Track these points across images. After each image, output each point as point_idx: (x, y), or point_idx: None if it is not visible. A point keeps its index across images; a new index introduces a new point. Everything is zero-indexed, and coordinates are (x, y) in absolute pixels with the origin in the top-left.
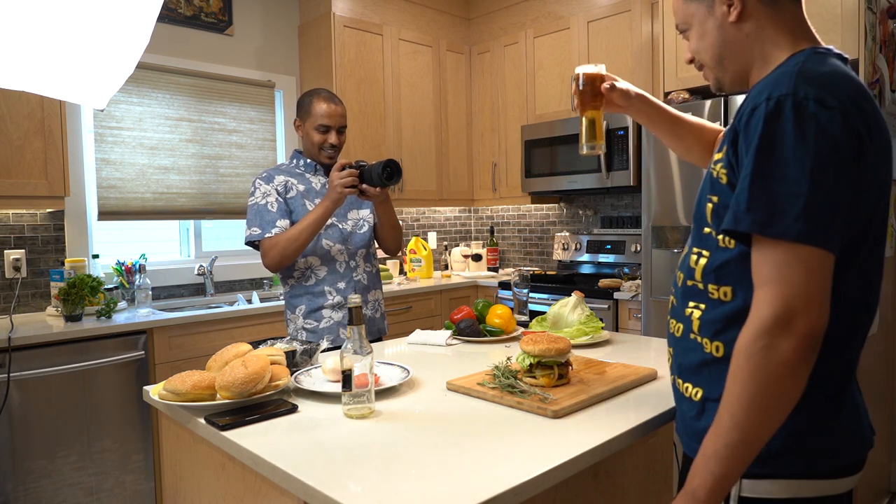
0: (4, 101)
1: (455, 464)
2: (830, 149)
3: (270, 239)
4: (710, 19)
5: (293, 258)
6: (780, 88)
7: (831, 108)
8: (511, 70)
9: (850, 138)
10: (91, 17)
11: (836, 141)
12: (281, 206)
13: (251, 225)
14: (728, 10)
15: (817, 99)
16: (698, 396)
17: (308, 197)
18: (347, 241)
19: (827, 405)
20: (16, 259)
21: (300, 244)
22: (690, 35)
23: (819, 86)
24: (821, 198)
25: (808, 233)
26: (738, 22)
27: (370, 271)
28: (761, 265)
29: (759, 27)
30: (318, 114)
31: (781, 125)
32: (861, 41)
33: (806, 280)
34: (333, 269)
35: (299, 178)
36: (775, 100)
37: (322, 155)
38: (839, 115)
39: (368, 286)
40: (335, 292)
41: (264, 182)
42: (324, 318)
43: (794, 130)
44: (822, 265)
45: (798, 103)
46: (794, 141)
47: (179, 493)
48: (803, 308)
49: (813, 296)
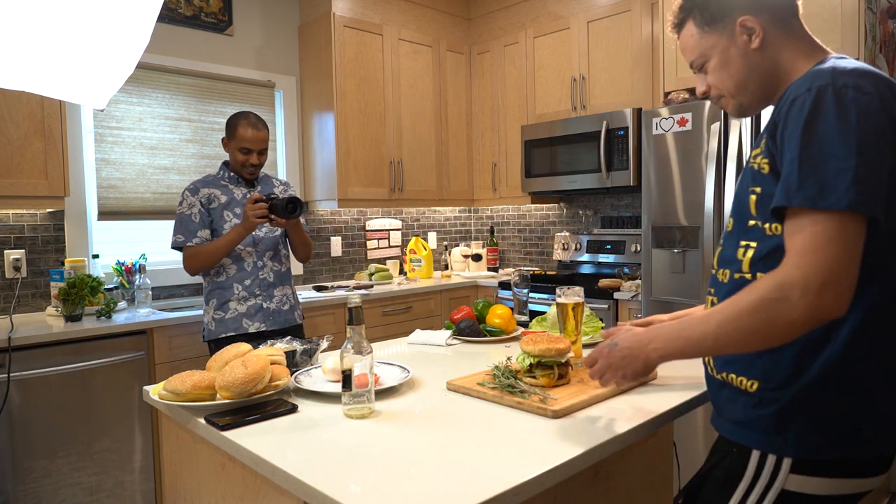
0: (4, 101)
1: (455, 464)
2: (874, 128)
3: (191, 248)
4: (732, 47)
5: (209, 268)
6: (820, 80)
7: (869, 93)
8: (511, 70)
9: (889, 119)
10: (91, 17)
11: (878, 120)
12: (203, 216)
13: (176, 233)
14: (749, 38)
15: (855, 87)
16: (754, 388)
17: (229, 208)
18: (257, 245)
19: (885, 391)
20: (16, 259)
21: (215, 259)
22: (709, 67)
23: (856, 76)
24: (869, 169)
25: (859, 201)
26: (760, 48)
27: (277, 270)
28: (797, 237)
29: (779, 49)
30: (241, 137)
31: (824, 110)
32: (861, 41)
33: (842, 255)
34: (242, 268)
35: (223, 189)
36: (816, 89)
37: (244, 171)
38: (877, 100)
39: (274, 283)
40: (241, 288)
41: (191, 194)
42: (230, 310)
43: (837, 113)
44: (860, 238)
45: (838, 91)
46: (837, 122)
47: (179, 493)
48: (834, 282)
49: (844, 273)
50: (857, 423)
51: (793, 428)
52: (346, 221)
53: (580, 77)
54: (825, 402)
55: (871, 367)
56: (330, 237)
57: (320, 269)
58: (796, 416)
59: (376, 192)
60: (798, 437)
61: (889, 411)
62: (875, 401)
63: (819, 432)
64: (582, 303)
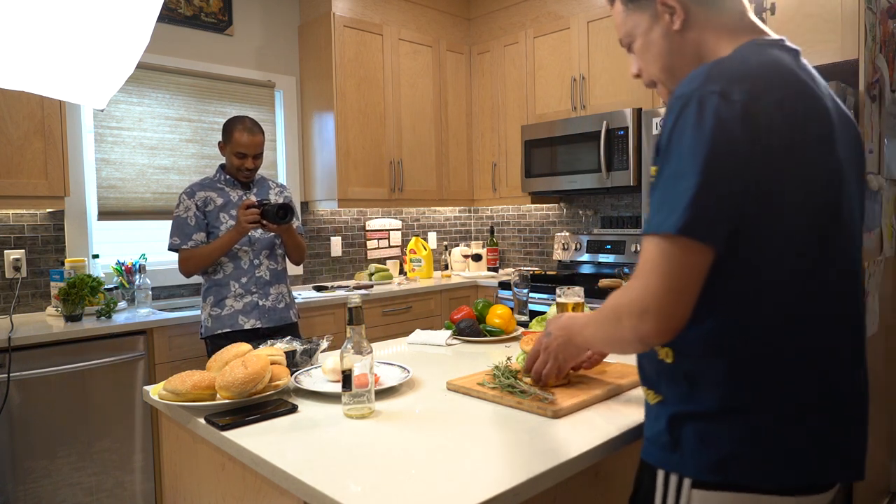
0: (4, 101)
1: (455, 464)
2: (727, 142)
3: (186, 251)
4: (655, 28)
5: (203, 270)
6: (691, 84)
7: (733, 101)
8: (511, 70)
9: (752, 132)
10: (91, 17)
11: (735, 133)
12: (199, 219)
13: (173, 235)
14: (671, 18)
15: (722, 93)
16: (655, 402)
17: (225, 210)
18: (253, 244)
19: (769, 420)
20: (16, 259)
21: (209, 261)
22: (635, 49)
23: (728, 79)
24: (708, 192)
25: (690, 227)
26: (682, 30)
27: (274, 269)
28: (640, 259)
29: (703, 29)
30: (237, 142)
31: (683, 122)
32: (861, 41)
33: (664, 282)
34: (238, 266)
35: (219, 192)
36: (684, 98)
37: (240, 175)
38: (739, 109)
39: (270, 281)
40: (238, 285)
41: (187, 197)
42: (226, 307)
43: (694, 125)
44: (694, 261)
45: (701, 98)
46: (692, 136)
47: (179, 493)
48: (653, 310)
49: (665, 301)
50: (741, 450)
51: (686, 445)
52: (346, 221)
53: (580, 77)
54: (711, 423)
55: (752, 395)
56: (330, 237)
57: (320, 269)
58: (685, 433)
59: (376, 192)
60: (691, 454)
61: (777, 443)
62: (759, 429)
63: (707, 453)
64: (582, 303)
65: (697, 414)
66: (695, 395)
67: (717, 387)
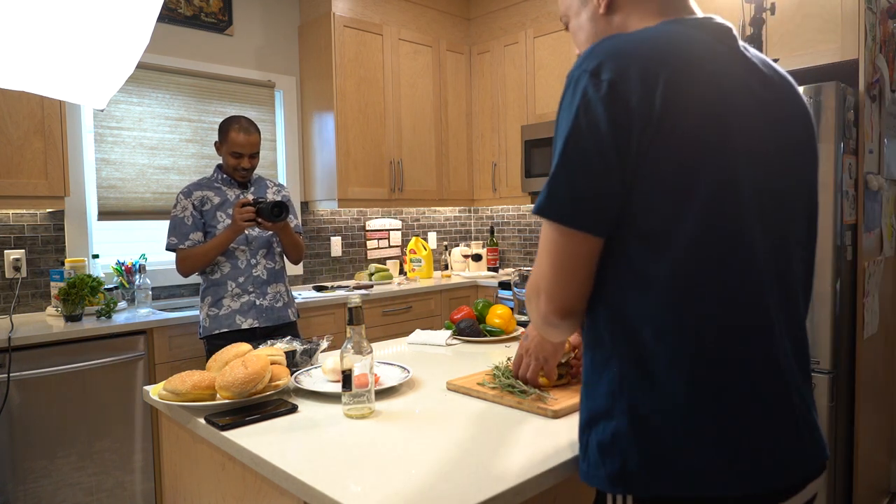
0: (4, 101)
1: (455, 464)
2: (589, 122)
3: (184, 251)
4: (583, 11)
5: (201, 269)
6: (575, 64)
7: (601, 81)
8: (511, 70)
9: (615, 111)
10: (91, 17)
11: (597, 115)
12: (196, 219)
13: (170, 235)
14: (598, 1)
15: (593, 72)
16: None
17: (222, 209)
18: (250, 243)
19: (700, 415)
20: (16, 259)
21: (207, 260)
22: (570, 28)
23: (605, 58)
24: (567, 173)
25: (549, 208)
26: (607, 14)
27: (271, 268)
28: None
29: (629, 13)
30: (233, 142)
31: (563, 102)
32: (861, 41)
33: (551, 263)
34: (235, 266)
35: (217, 191)
36: (568, 78)
37: (236, 174)
38: (606, 87)
39: (268, 280)
40: (235, 285)
41: (184, 197)
42: (224, 307)
43: (566, 105)
44: (569, 245)
45: (577, 78)
46: (563, 115)
47: (179, 493)
48: (545, 290)
49: (555, 282)
50: (627, 456)
51: (591, 452)
52: (346, 221)
53: None
54: (603, 424)
55: (639, 389)
56: (330, 237)
57: (320, 269)
58: (590, 439)
59: (376, 192)
60: (594, 463)
61: (658, 446)
62: (640, 431)
63: (604, 462)
64: None
65: (597, 414)
66: (593, 391)
67: (609, 383)
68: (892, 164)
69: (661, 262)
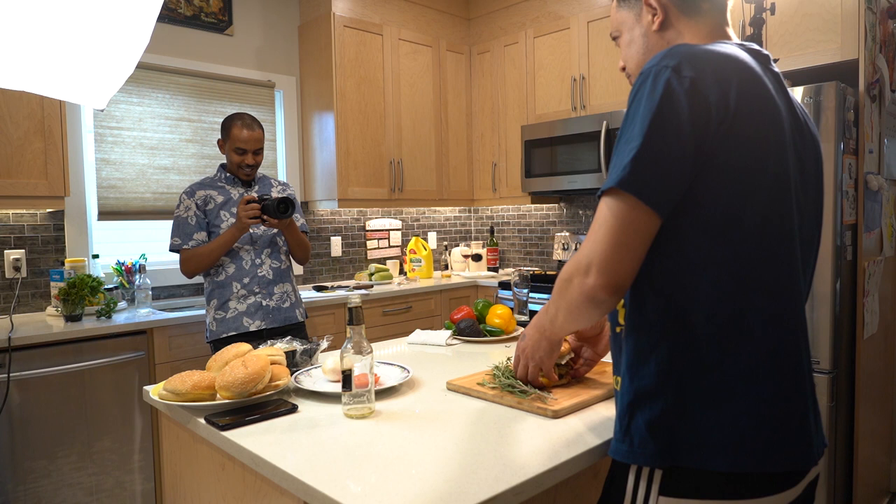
0: (4, 102)
1: (455, 464)
2: (673, 112)
3: (187, 251)
4: (637, 27)
5: (205, 270)
6: (652, 62)
7: (684, 77)
8: (511, 70)
9: (697, 105)
10: (91, 17)
11: (681, 105)
12: (200, 219)
13: (173, 235)
14: (652, 18)
15: (675, 68)
16: (618, 386)
17: (225, 207)
18: (255, 242)
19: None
20: (16, 259)
21: (211, 260)
22: (621, 42)
23: (683, 58)
24: (650, 152)
25: (629, 181)
26: (660, 30)
27: (277, 267)
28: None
29: (678, 35)
30: (236, 138)
31: (641, 93)
32: (861, 41)
33: (609, 237)
34: (240, 266)
35: (220, 190)
36: (644, 73)
37: (240, 172)
38: (688, 84)
39: (274, 280)
40: (240, 286)
41: (187, 197)
42: (230, 310)
43: (648, 96)
44: (636, 217)
45: (657, 72)
46: (645, 105)
47: (179, 493)
48: (597, 264)
49: (609, 255)
50: (676, 432)
51: (635, 431)
52: (346, 221)
53: (580, 77)
54: (651, 404)
55: (689, 371)
56: (330, 237)
57: (320, 269)
58: (635, 418)
59: (376, 192)
60: (640, 442)
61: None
62: (690, 409)
63: (653, 438)
64: None
65: (644, 394)
66: (639, 372)
67: (658, 364)
68: (892, 164)
69: (720, 250)
